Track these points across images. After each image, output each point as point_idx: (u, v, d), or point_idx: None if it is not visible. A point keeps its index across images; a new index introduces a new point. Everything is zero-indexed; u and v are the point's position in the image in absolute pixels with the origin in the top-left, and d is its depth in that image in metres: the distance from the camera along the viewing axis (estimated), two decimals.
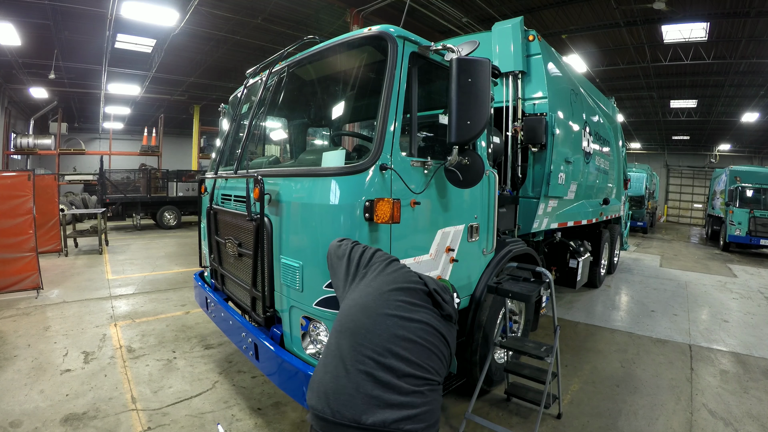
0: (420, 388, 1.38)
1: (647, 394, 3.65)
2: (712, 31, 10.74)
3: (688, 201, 28.76)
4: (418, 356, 1.44)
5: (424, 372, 1.42)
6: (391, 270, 1.78)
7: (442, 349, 1.54)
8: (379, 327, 1.48)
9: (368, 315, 1.54)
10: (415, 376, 1.39)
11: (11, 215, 5.87)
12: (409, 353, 1.43)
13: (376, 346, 1.42)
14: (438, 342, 1.53)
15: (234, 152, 3.52)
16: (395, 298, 1.59)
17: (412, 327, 1.50)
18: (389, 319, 1.50)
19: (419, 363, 1.42)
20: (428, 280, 1.73)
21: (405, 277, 1.73)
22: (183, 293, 6.42)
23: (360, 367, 1.38)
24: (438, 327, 1.57)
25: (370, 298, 1.63)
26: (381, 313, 1.53)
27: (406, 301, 1.59)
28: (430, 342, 1.50)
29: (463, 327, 3.23)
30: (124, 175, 15.38)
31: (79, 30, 11.23)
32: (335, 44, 2.77)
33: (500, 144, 3.99)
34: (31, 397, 3.29)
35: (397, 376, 1.37)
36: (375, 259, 1.87)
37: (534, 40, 4.26)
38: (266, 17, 10.54)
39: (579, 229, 6.12)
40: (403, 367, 1.39)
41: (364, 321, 1.52)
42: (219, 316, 3.34)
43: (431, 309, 1.62)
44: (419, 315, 1.55)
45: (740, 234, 12.66)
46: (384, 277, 1.74)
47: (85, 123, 22.87)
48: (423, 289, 1.66)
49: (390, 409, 1.31)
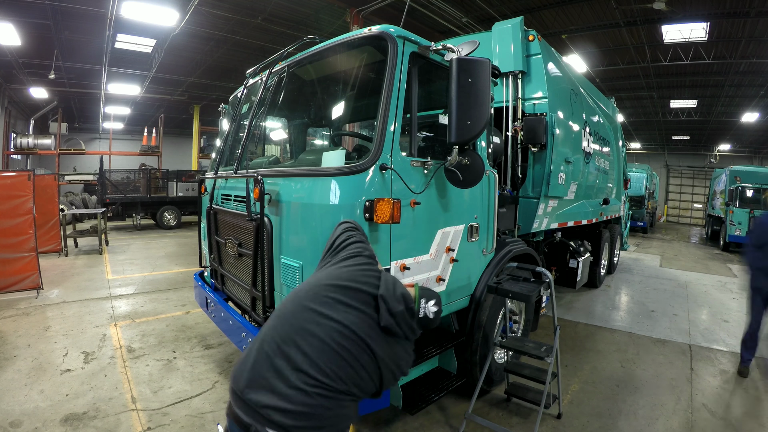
0: (307, 388, 1.30)
1: (647, 394, 3.65)
2: (712, 31, 10.74)
3: (688, 201, 28.76)
4: (318, 356, 1.34)
5: (321, 374, 1.32)
6: (348, 264, 1.67)
7: (359, 359, 1.38)
8: (295, 316, 1.45)
9: (294, 303, 1.51)
10: (308, 375, 1.31)
11: (11, 215, 5.87)
12: (311, 350, 1.35)
13: (284, 333, 1.41)
14: (355, 349, 1.38)
15: (234, 152, 3.52)
16: (325, 293, 1.49)
17: (326, 325, 1.40)
18: (306, 312, 1.44)
19: (317, 363, 1.33)
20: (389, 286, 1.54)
21: (356, 275, 1.59)
22: (183, 293, 6.42)
23: (264, 347, 1.40)
24: (363, 335, 1.41)
25: (306, 286, 1.58)
26: (303, 305, 1.47)
27: (335, 299, 1.47)
28: (342, 346, 1.37)
29: (463, 327, 3.23)
30: (124, 175, 15.37)
31: (79, 30, 11.23)
32: (335, 44, 2.77)
33: (500, 144, 3.99)
34: (31, 397, 3.29)
35: (291, 367, 1.33)
36: (345, 250, 1.77)
37: (534, 40, 4.26)
38: (266, 17, 10.54)
39: (579, 229, 6.12)
40: (299, 360, 1.33)
41: (289, 307, 1.50)
42: (219, 316, 3.34)
43: (368, 314, 1.47)
44: (341, 315, 1.42)
45: (740, 234, 12.65)
46: (334, 270, 1.65)
47: (85, 123, 22.86)
48: (369, 292, 1.52)
49: (269, 393, 1.30)
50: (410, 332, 1.53)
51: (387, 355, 1.44)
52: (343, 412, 1.37)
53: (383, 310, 1.47)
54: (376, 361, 1.42)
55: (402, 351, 1.53)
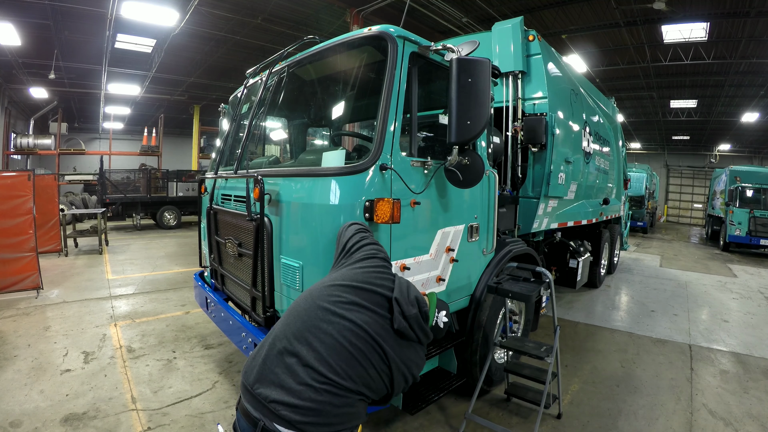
0: (316, 384, 1.30)
1: (647, 394, 3.65)
2: (712, 31, 10.74)
3: (688, 201, 28.76)
4: (329, 353, 1.35)
5: (331, 372, 1.33)
6: (363, 266, 1.68)
7: (370, 358, 1.39)
8: (308, 314, 1.46)
9: (307, 301, 1.53)
10: (318, 371, 1.32)
11: (11, 215, 5.87)
12: (322, 347, 1.36)
13: (297, 330, 1.42)
14: (368, 349, 1.39)
15: (234, 152, 3.52)
16: (338, 293, 1.51)
17: (338, 323, 1.41)
18: (320, 311, 1.45)
19: (328, 360, 1.34)
20: (403, 289, 1.56)
21: (370, 277, 1.60)
22: (183, 293, 6.42)
23: (276, 343, 1.42)
24: (375, 335, 1.41)
25: (320, 286, 1.59)
26: (316, 303, 1.49)
27: (349, 299, 1.48)
28: (353, 345, 1.38)
29: (463, 327, 3.23)
30: (124, 175, 15.38)
31: (79, 30, 11.23)
32: (335, 44, 2.77)
33: (500, 144, 3.99)
34: (31, 397, 3.29)
35: (301, 363, 1.34)
36: (359, 252, 1.78)
37: (534, 40, 4.26)
38: (266, 17, 10.54)
39: (579, 229, 6.12)
40: (309, 357, 1.34)
41: (302, 305, 1.52)
42: (219, 316, 3.34)
43: (381, 315, 1.48)
44: (354, 315, 1.43)
45: (740, 234, 12.66)
46: (348, 271, 1.66)
47: (85, 123, 22.86)
48: (384, 294, 1.53)
49: (278, 388, 1.31)
50: (423, 336, 1.55)
51: (399, 357, 1.45)
52: (351, 411, 1.37)
53: (397, 312, 1.48)
54: (387, 362, 1.42)
55: (414, 354, 1.54)
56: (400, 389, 1.50)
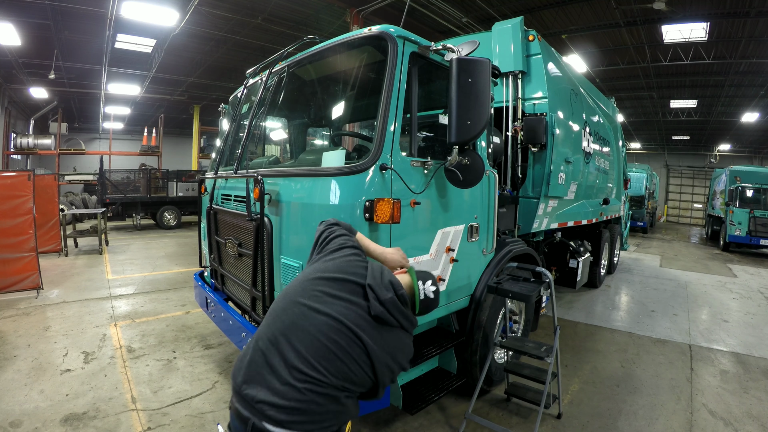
0: (298, 384, 1.30)
1: (647, 394, 3.65)
2: (712, 31, 10.74)
3: (688, 201, 28.76)
4: (308, 350, 1.34)
5: (310, 369, 1.32)
6: (334, 257, 1.65)
7: (350, 351, 1.36)
8: (286, 313, 1.45)
9: (284, 299, 1.52)
10: (299, 371, 1.32)
11: (11, 215, 5.87)
12: (301, 345, 1.35)
13: (276, 330, 1.42)
14: (345, 341, 1.36)
15: (234, 152, 3.52)
16: (312, 287, 1.49)
17: (315, 318, 1.40)
18: (296, 307, 1.44)
19: (307, 358, 1.33)
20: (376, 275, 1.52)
21: (342, 266, 1.57)
22: (183, 293, 6.42)
23: (259, 344, 1.42)
24: (352, 325, 1.38)
25: (295, 283, 1.58)
26: (293, 300, 1.48)
27: (323, 291, 1.46)
28: (331, 339, 1.36)
29: (463, 327, 3.23)
30: (124, 175, 15.37)
31: (79, 30, 11.23)
32: (335, 44, 2.77)
33: (500, 144, 3.99)
34: (31, 397, 3.29)
35: (283, 363, 1.34)
36: (330, 244, 1.76)
37: (534, 40, 4.26)
38: (266, 17, 10.54)
39: (579, 229, 6.12)
40: (291, 356, 1.34)
41: (280, 304, 1.51)
42: (219, 316, 3.34)
43: (357, 304, 1.44)
44: (329, 308, 1.41)
45: (740, 234, 12.66)
46: (320, 264, 1.64)
47: (85, 123, 22.86)
48: (357, 282, 1.49)
49: (264, 389, 1.31)
50: (404, 320, 1.49)
51: (379, 346, 1.41)
52: (337, 407, 1.36)
53: (372, 298, 1.44)
54: (367, 351, 1.38)
55: (397, 341, 1.48)
56: (386, 379, 1.46)
